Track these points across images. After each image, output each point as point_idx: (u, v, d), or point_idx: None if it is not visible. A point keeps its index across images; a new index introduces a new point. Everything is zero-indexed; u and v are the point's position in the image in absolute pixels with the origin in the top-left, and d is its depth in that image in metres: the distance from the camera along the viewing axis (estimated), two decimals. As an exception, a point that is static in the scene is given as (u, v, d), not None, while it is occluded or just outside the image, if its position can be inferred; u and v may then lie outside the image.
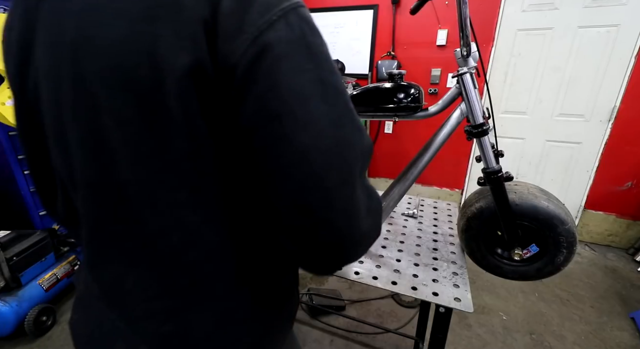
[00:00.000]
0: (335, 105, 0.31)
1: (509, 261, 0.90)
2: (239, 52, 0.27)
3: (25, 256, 1.67)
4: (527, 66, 2.52)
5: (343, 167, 0.31)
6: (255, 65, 0.27)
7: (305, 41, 0.29)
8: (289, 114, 0.28)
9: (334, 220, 0.31)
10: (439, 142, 0.86)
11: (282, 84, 0.28)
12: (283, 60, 0.28)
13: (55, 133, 0.35)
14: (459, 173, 3.00)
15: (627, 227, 2.51)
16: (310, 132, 0.29)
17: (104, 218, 0.35)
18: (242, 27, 0.27)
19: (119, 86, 0.28)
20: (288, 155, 0.29)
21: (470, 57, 0.76)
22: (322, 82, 0.30)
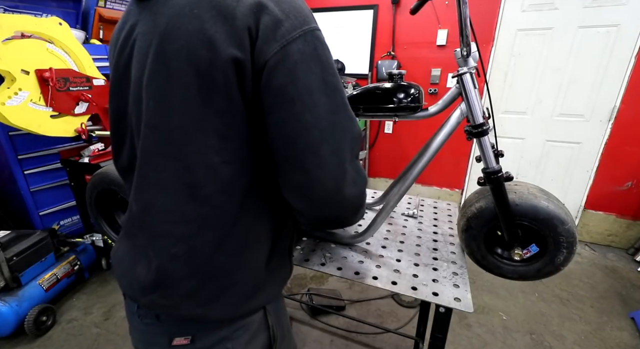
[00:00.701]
0: (334, 98, 0.44)
1: (509, 261, 0.90)
2: (271, 53, 0.41)
3: (25, 256, 1.67)
4: (527, 66, 2.52)
5: (333, 142, 0.44)
6: (280, 64, 0.41)
7: (316, 53, 0.43)
8: (300, 99, 0.42)
9: (323, 180, 0.45)
10: (439, 142, 0.86)
11: (297, 79, 0.41)
12: (298, 64, 0.41)
13: (135, 92, 0.48)
14: (459, 173, 3.00)
15: (627, 227, 2.51)
16: (314, 114, 0.42)
17: (153, 152, 0.47)
18: (275, 37, 0.41)
19: (186, 61, 0.42)
20: (296, 128, 0.42)
21: (470, 57, 0.76)
22: (325, 81, 0.43)
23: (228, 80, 0.41)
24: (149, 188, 0.49)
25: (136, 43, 0.48)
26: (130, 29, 0.50)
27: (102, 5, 2.52)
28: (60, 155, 2.00)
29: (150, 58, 0.44)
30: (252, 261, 0.53)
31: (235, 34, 0.40)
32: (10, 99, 1.57)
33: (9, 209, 2.14)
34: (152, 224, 0.49)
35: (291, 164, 0.45)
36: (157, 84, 0.44)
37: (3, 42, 1.55)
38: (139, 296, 0.52)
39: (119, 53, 0.52)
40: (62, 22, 1.82)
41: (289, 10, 0.42)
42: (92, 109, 1.92)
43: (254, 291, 0.54)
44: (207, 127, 0.43)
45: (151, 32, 0.45)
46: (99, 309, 1.90)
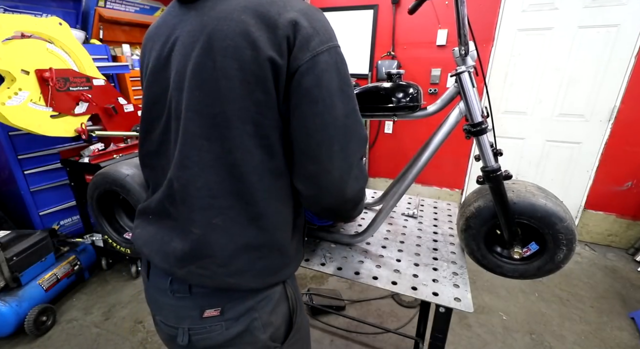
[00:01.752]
0: (348, 105, 0.54)
1: (509, 260, 0.90)
2: (304, 60, 0.49)
3: (25, 256, 1.67)
4: (527, 66, 2.52)
5: (344, 141, 0.54)
6: (310, 70, 0.50)
7: (337, 65, 0.52)
8: (322, 101, 0.51)
9: (332, 170, 0.55)
10: (438, 141, 0.86)
11: (322, 84, 0.50)
12: (324, 72, 0.50)
13: (178, 80, 0.54)
14: (459, 173, 3.00)
15: (627, 227, 2.51)
16: (331, 115, 0.52)
17: (198, 134, 0.52)
18: (308, 48, 0.49)
19: (231, 57, 0.49)
20: (316, 124, 0.52)
21: (468, 56, 0.76)
22: (342, 89, 0.53)
23: (266, 77, 0.49)
24: (193, 166, 0.54)
25: (179, 39, 0.54)
26: (172, 27, 0.56)
27: (102, 5, 2.52)
28: (60, 155, 2.00)
29: (196, 52, 0.51)
30: (280, 238, 0.59)
31: (275, 40, 0.48)
32: (10, 99, 1.57)
33: (9, 209, 2.14)
34: (195, 198, 0.54)
35: (307, 155, 0.54)
36: (203, 76, 0.50)
37: (3, 42, 1.55)
38: (177, 268, 0.57)
39: (161, 46, 0.58)
40: (62, 22, 1.82)
41: (319, 28, 0.51)
42: (92, 109, 1.92)
43: (279, 266, 0.61)
44: (245, 115, 0.51)
45: (198, 31, 0.51)
46: (99, 309, 1.90)
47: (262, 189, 0.55)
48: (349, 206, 0.62)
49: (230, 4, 0.50)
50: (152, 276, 0.64)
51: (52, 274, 1.81)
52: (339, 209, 0.62)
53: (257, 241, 0.57)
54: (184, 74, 0.52)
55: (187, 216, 0.56)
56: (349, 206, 0.62)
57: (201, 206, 0.55)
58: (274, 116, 0.52)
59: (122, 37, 2.80)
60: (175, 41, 0.55)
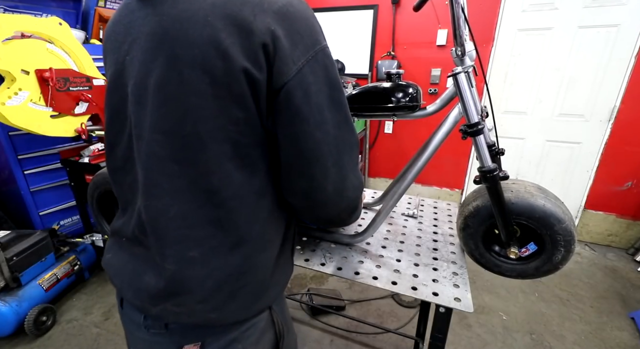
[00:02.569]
0: (339, 113, 0.49)
1: (507, 259, 0.90)
2: (290, 75, 0.43)
3: (25, 256, 1.67)
4: (527, 66, 2.52)
5: (337, 154, 0.49)
6: (297, 86, 0.44)
7: (326, 72, 0.47)
8: (313, 118, 0.46)
9: (326, 186, 0.50)
10: (438, 141, 0.86)
11: (311, 100, 0.45)
12: (312, 85, 0.45)
13: (137, 93, 0.47)
14: (459, 173, 3.00)
15: (627, 227, 2.51)
16: (322, 131, 0.47)
17: (165, 157, 0.46)
18: (292, 59, 0.43)
19: (200, 69, 0.42)
20: (308, 143, 0.47)
21: (465, 57, 0.76)
22: (332, 98, 0.47)
23: (242, 92, 0.43)
24: (163, 195, 0.47)
25: (137, 42, 0.47)
26: (127, 25, 0.49)
27: (102, 5, 2.52)
28: (60, 155, 2.00)
29: (159, 62, 0.44)
30: (264, 261, 0.54)
31: (250, 48, 0.42)
32: (10, 99, 1.57)
33: (9, 209, 2.14)
34: (168, 229, 0.48)
35: (299, 171, 0.49)
36: (169, 90, 0.44)
37: (3, 42, 1.55)
38: (150, 306, 0.51)
39: (118, 49, 0.50)
40: (62, 22, 1.82)
41: (302, 31, 0.44)
42: (92, 109, 1.92)
43: (263, 291, 0.55)
44: (222, 134, 0.45)
45: (158, 35, 0.44)
46: (99, 309, 1.90)
47: (246, 213, 0.50)
48: (344, 215, 0.58)
49: (194, 2, 0.43)
50: (126, 307, 0.58)
51: (52, 274, 1.81)
52: (336, 218, 0.58)
53: (240, 270, 0.51)
54: (144, 87, 0.46)
55: (159, 251, 0.49)
56: (345, 215, 0.59)
57: (175, 239, 0.48)
58: (255, 132, 0.47)
59: (122, 37, 2.79)
60: (132, 44, 0.47)
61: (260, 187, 0.51)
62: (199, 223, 0.48)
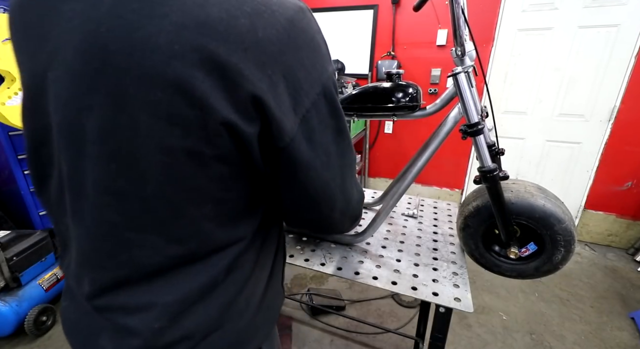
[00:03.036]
0: (343, 141, 0.43)
1: (506, 259, 0.90)
2: (294, 128, 0.35)
3: (25, 256, 1.67)
4: (527, 66, 2.52)
5: (342, 183, 0.45)
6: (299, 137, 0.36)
7: (332, 104, 0.39)
8: (320, 161, 0.39)
9: (333, 215, 0.47)
10: (438, 141, 0.86)
11: (316, 144, 0.38)
12: (317, 127, 0.38)
13: (69, 136, 0.34)
14: (459, 173, 3.00)
15: (627, 227, 2.51)
16: (329, 169, 0.42)
17: (121, 224, 0.36)
18: (295, 109, 0.35)
19: (167, 120, 0.31)
20: (317, 187, 0.41)
21: (465, 57, 0.76)
22: (336, 129, 0.41)
23: (226, 145, 0.33)
24: (122, 267, 0.38)
25: (62, 55, 0.32)
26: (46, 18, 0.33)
27: (102, 5, 2.52)
28: (60, 155, 2.00)
29: (98, 98, 0.31)
30: (249, 302, 0.45)
31: (237, 98, 0.31)
32: (10, 99, 1.57)
33: (9, 209, 2.14)
34: (125, 300, 0.40)
35: (306, 209, 0.45)
36: (120, 141, 0.32)
37: (3, 42, 1.55)
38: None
39: (32, 53, 0.35)
40: (62, 22, 1.82)
41: (308, 61, 0.35)
42: (92, 109, 1.92)
43: (249, 334, 0.47)
44: (200, 195, 0.36)
45: (93, 55, 0.30)
46: (99, 309, 1.90)
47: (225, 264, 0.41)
48: (348, 227, 0.56)
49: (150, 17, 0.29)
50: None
51: (52, 274, 1.81)
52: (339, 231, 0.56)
53: (221, 319, 0.42)
54: (78, 129, 0.33)
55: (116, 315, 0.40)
56: (348, 226, 0.55)
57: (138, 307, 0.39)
58: (242, 185, 0.39)
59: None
60: (54, 56, 0.33)
61: (249, 233, 0.43)
62: (167, 289, 0.39)
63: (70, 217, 0.39)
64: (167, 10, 0.29)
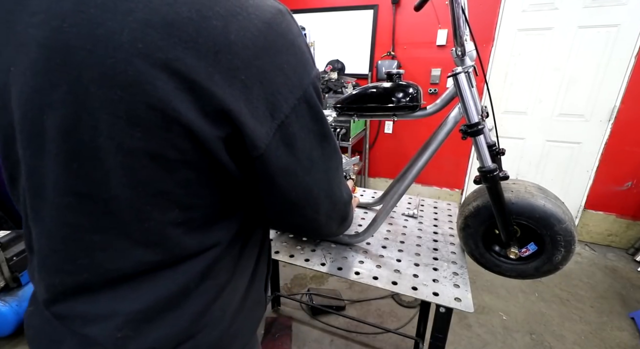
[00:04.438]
0: (327, 145, 0.41)
1: (507, 259, 0.90)
2: (269, 136, 0.33)
3: (25, 256, 1.66)
4: (527, 66, 2.52)
5: (327, 187, 0.44)
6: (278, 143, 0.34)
7: (313, 108, 0.37)
8: (301, 166, 0.38)
9: (318, 218, 0.46)
10: (438, 141, 0.86)
11: (297, 150, 0.36)
12: (297, 133, 0.36)
13: (27, 134, 0.33)
14: (459, 173, 3.00)
15: (627, 227, 2.51)
16: (312, 174, 0.40)
17: (85, 227, 0.35)
18: (273, 115, 0.33)
19: (126, 119, 0.29)
20: (299, 193, 0.40)
21: (466, 57, 0.76)
22: (318, 134, 0.39)
23: (190, 150, 0.32)
24: (81, 271, 0.36)
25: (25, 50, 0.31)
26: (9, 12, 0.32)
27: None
28: (60, 155, 2.00)
29: (58, 94, 0.30)
30: (225, 310, 0.43)
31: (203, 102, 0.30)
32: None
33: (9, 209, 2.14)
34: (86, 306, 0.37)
35: (290, 213, 0.43)
36: (81, 140, 0.31)
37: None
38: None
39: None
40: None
41: (288, 66, 0.33)
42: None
43: (225, 343, 0.45)
44: (165, 200, 0.34)
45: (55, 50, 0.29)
46: (99, 309, 1.90)
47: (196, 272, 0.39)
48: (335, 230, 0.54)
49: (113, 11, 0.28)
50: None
51: (52, 274, 1.81)
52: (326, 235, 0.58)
53: (192, 329, 0.40)
54: (38, 127, 0.32)
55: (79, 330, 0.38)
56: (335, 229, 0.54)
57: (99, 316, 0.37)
58: (212, 191, 0.37)
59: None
60: (18, 49, 0.32)
61: (224, 240, 0.41)
62: (131, 297, 0.37)
63: (30, 219, 0.37)
64: (132, 6, 0.27)
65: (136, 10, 0.27)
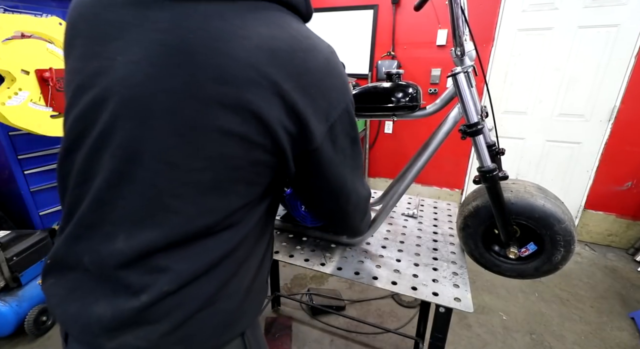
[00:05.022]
0: (356, 147, 0.54)
1: (506, 259, 0.90)
2: (323, 134, 0.45)
3: (25, 256, 1.67)
4: (527, 66, 2.52)
5: (353, 181, 0.56)
6: (327, 141, 0.46)
7: (350, 117, 0.49)
8: (338, 160, 0.50)
9: (347, 208, 0.60)
10: (438, 141, 0.86)
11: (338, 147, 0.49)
12: (339, 134, 0.48)
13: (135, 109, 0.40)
14: (459, 173, 3.00)
15: (627, 227, 2.51)
16: (345, 167, 0.52)
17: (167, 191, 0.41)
18: (326, 118, 0.45)
19: (233, 111, 0.39)
20: (334, 181, 0.52)
21: (465, 57, 0.76)
22: (351, 137, 0.51)
23: (271, 139, 0.42)
24: (154, 227, 0.43)
25: (140, 44, 0.40)
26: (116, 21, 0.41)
27: (102, 5, 2.52)
28: (60, 155, 2.00)
29: (173, 81, 0.39)
30: (240, 286, 0.50)
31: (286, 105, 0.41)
32: (10, 99, 1.57)
33: (9, 209, 2.14)
34: (146, 260, 0.43)
35: (324, 200, 0.57)
36: (185, 119, 0.39)
37: (3, 42, 1.55)
38: (104, 341, 0.44)
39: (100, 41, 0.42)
40: (62, 22, 1.82)
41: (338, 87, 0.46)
42: (92, 109, 1.92)
43: (236, 317, 0.50)
44: (238, 174, 0.43)
45: (177, 49, 0.38)
46: (99, 309, 1.90)
47: (234, 244, 0.47)
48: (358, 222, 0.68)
49: (235, 32, 0.39)
50: (71, 345, 0.49)
51: (52, 274, 1.81)
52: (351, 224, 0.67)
53: (214, 298, 0.46)
54: (147, 104, 0.40)
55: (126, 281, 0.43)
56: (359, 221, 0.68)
57: (155, 269, 0.43)
58: (270, 174, 0.47)
59: (122, 37, 2.80)
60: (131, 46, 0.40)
61: (258, 219, 0.50)
62: (185, 254, 0.44)
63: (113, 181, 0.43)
64: (247, 34, 0.39)
65: (251, 38, 0.39)
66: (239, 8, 0.40)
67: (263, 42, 0.39)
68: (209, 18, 0.39)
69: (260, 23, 0.40)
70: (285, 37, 0.41)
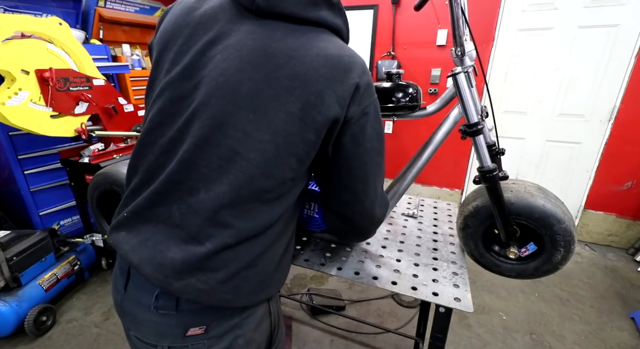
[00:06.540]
0: (380, 144, 0.62)
1: (506, 259, 0.90)
2: (356, 114, 0.56)
3: (25, 256, 1.67)
4: (527, 66, 2.52)
5: (375, 175, 0.64)
6: (359, 121, 0.57)
7: (377, 114, 0.60)
8: (364, 144, 0.59)
9: (365, 200, 0.65)
10: (438, 140, 0.86)
11: (366, 131, 0.58)
12: (368, 121, 0.58)
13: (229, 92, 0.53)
14: (459, 173, 3.00)
15: (627, 227, 2.51)
16: (370, 156, 0.61)
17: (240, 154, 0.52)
18: (359, 104, 0.56)
19: (297, 96, 0.52)
20: (357, 163, 0.60)
21: (465, 57, 0.76)
22: (377, 132, 0.61)
23: (324, 124, 0.53)
24: (227, 183, 0.53)
25: (234, 49, 0.54)
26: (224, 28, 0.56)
27: (102, 5, 2.53)
28: (60, 155, 2.00)
29: (256, 76, 0.52)
30: (275, 254, 0.61)
31: (340, 98, 0.53)
32: (10, 99, 1.57)
33: (9, 209, 2.14)
34: (217, 214, 0.53)
35: (346, 186, 0.63)
36: (262, 101, 0.52)
37: (3, 42, 1.55)
38: (173, 280, 0.52)
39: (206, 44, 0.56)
40: (62, 22, 1.82)
41: (369, 86, 0.58)
42: (92, 109, 1.92)
43: (269, 281, 0.61)
44: (293, 149, 0.53)
45: (263, 53, 0.53)
46: (99, 309, 1.90)
47: (278, 213, 0.58)
48: (372, 227, 0.74)
49: (303, 45, 0.53)
50: (132, 288, 0.59)
51: (52, 274, 1.81)
52: (363, 230, 0.74)
53: (258, 259, 0.57)
54: (236, 88, 0.52)
55: (200, 230, 0.53)
56: (372, 228, 0.74)
57: (220, 223, 0.53)
58: (314, 153, 0.57)
59: (122, 37, 2.80)
60: (227, 48, 0.54)
61: (297, 195, 0.61)
62: (245, 214, 0.54)
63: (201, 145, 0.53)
64: (309, 46, 0.54)
65: (312, 49, 0.53)
66: (305, 29, 0.55)
67: (320, 51, 0.53)
68: (285, 34, 0.54)
69: (318, 40, 0.55)
70: (335, 48, 0.55)
